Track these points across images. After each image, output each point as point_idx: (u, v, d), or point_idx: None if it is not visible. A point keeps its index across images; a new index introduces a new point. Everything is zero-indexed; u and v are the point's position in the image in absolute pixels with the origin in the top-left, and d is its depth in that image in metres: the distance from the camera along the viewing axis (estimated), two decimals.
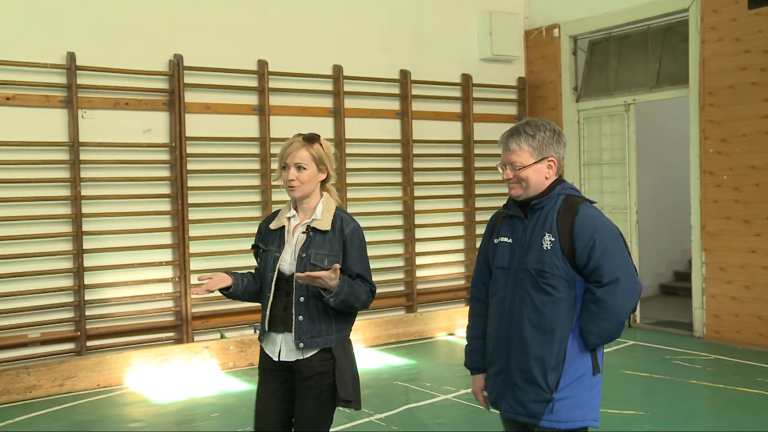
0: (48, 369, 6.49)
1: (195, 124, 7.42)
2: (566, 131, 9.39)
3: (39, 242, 6.71)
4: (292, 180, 3.23)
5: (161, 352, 6.95)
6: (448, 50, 9.17)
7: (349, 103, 8.35)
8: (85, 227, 6.84)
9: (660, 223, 10.58)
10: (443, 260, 9.12)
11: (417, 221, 8.82)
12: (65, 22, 6.84)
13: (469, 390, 6.11)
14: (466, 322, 3.25)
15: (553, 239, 2.87)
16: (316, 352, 3.22)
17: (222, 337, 7.45)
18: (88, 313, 6.89)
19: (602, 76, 9.35)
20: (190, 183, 7.36)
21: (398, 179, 8.78)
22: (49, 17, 6.76)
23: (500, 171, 3.02)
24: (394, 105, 8.76)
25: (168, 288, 7.34)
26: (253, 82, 7.82)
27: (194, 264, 7.35)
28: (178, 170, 7.28)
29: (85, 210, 6.84)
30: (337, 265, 3.09)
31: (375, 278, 3.41)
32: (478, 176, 9.30)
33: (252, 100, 7.81)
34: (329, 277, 3.07)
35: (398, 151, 8.80)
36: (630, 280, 2.84)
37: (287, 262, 3.26)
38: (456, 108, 9.24)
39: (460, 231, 9.30)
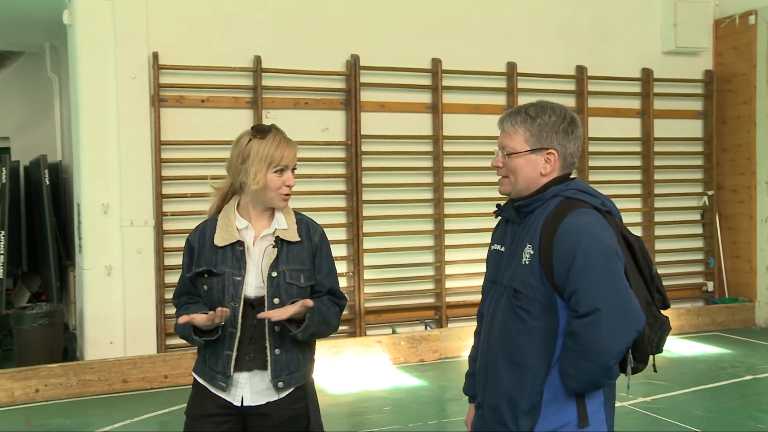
0: None
1: (370, 123, 7.60)
2: (761, 127, 8.70)
3: None
4: (290, 186, 2.73)
5: (335, 345, 7.18)
6: (627, 44, 8.78)
7: (523, 100, 8.18)
8: None
9: None
10: None
11: None
12: (253, 27, 7.23)
13: (649, 398, 5.89)
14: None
15: (532, 252, 2.31)
16: (292, 390, 2.71)
17: (393, 332, 7.58)
18: None
19: None
20: (365, 180, 7.55)
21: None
22: (238, 24, 7.18)
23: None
24: (570, 102, 8.51)
25: (342, 282, 7.57)
26: (427, 81, 7.89)
27: (368, 260, 7.54)
28: (353, 168, 7.49)
29: None
30: (309, 302, 2.60)
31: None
32: (658, 175, 8.84)
33: (425, 98, 7.88)
34: (299, 312, 2.58)
35: None
36: (616, 312, 2.18)
37: (253, 285, 2.67)
38: (635, 104, 8.83)
39: (637, 232, 8.89)
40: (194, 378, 2.79)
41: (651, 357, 2.39)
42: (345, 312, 7.48)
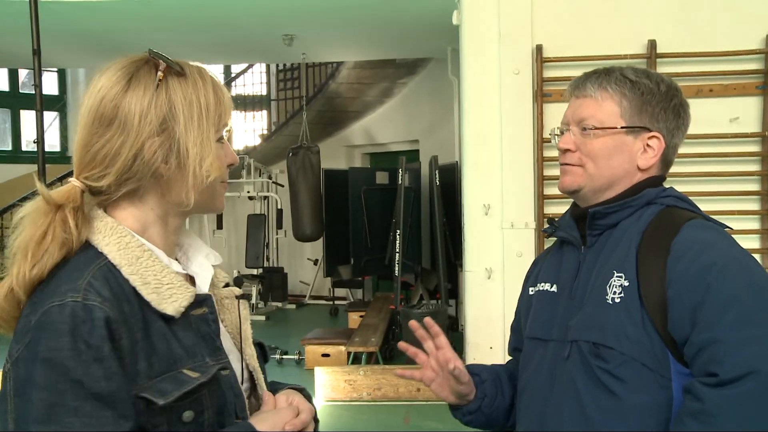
0: None
1: None
2: None
3: None
4: (233, 165, 1.41)
5: None
6: None
7: None
8: None
9: None
10: None
11: None
12: (645, 8, 6.47)
13: None
14: None
15: (626, 284, 1.46)
16: None
17: None
18: None
19: None
20: None
21: None
22: (628, 6, 6.49)
23: (553, 141, 1.65)
24: None
25: None
26: None
27: None
28: None
29: None
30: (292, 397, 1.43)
31: None
32: None
33: None
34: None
35: None
36: None
37: (238, 378, 1.39)
38: None
39: None
40: None
41: None
42: None
